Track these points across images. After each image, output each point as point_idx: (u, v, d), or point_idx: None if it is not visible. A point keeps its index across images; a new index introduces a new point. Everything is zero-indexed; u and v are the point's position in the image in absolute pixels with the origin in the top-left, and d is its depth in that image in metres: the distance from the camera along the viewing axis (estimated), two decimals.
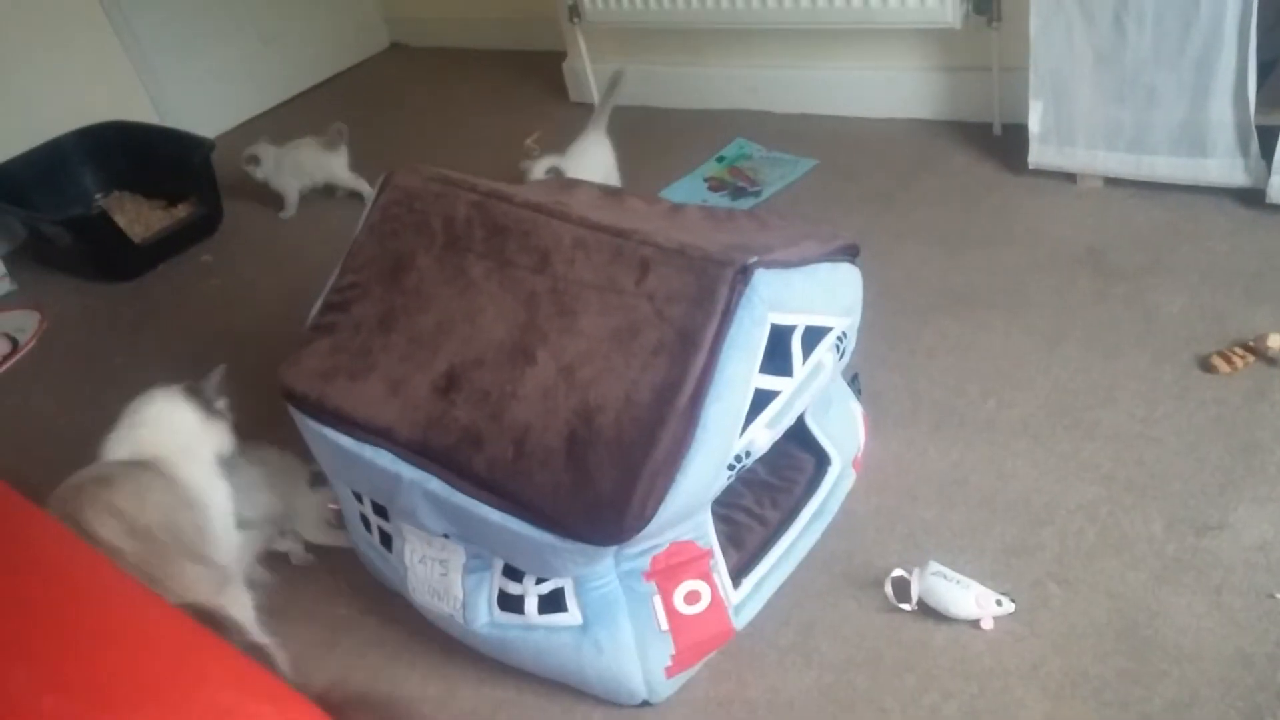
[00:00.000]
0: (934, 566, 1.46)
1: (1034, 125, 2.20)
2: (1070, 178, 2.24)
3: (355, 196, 2.87)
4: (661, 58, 2.94)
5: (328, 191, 2.92)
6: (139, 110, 3.18)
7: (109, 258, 2.74)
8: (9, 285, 2.82)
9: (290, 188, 2.87)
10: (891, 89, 2.62)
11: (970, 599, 1.42)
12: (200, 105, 3.35)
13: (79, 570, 1.19)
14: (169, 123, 3.16)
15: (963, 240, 2.18)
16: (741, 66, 2.82)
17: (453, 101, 3.37)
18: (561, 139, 2.95)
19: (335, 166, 2.86)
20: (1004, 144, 2.41)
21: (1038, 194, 2.25)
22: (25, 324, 2.66)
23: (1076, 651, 1.38)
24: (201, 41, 3.38)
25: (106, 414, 1.57)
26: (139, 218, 2.93)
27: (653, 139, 2.85)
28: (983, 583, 1.44)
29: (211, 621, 1.42)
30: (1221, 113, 1.97)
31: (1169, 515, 1.52)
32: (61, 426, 2.26)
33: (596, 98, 3.02)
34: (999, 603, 1.42)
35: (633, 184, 2.51)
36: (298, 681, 1.17)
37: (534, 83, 3.31)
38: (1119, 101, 2.07)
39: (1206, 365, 1.73)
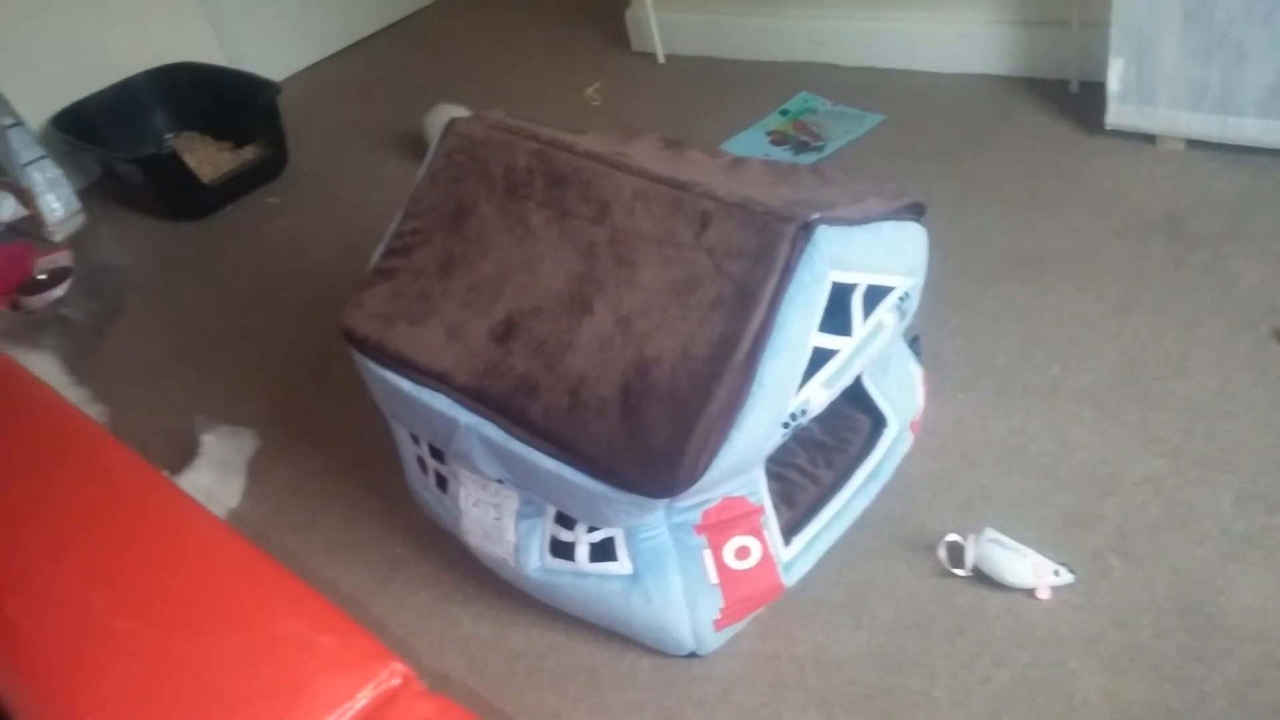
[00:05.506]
0: (990, 533, 1.44)
1: (1113, 83, 2.12)
2: (1150, 139, 2.17)
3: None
4: (725, 7, 2.88)
5: (391, 138, 2.93)
6: (208, 52, 3.20)
7: (179, 197, 2.78)
8: (83, 220, 2.88)
9: None
10: (964, 43, 2.55)
11: (1027, 567, 1.40)
12: (267, 48, 3.37)
13: (154, 501, 1.23)
14: (236, 65, 3.18)
15: (1033, 202, 2.12)
16: (808, 17, 2.75)
17: (514, 48, 3.35)
18: (622, 89, 2.92)
19: None
20: (1081, 103, 2.33)
21: (1114, 156, 2.18)
22: None
23: (1136, 626, 1.35)
24: None
25: (174, 348, 1.60)
26: (207, 158, 2.96)
27: (715, 91, 2.81)
28: (1041, 552, 1.42)
29: None
30: None
31: (1238, 491, 1.48)
32: (130, 360, 2.31)
33: (660, 47, 2.98)
34: (1057, 573, 1.40)
35: (694, 136, 2.47)
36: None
37: (595, 30, 3.28)
38: (1205, 60, 1.99)
39: None
